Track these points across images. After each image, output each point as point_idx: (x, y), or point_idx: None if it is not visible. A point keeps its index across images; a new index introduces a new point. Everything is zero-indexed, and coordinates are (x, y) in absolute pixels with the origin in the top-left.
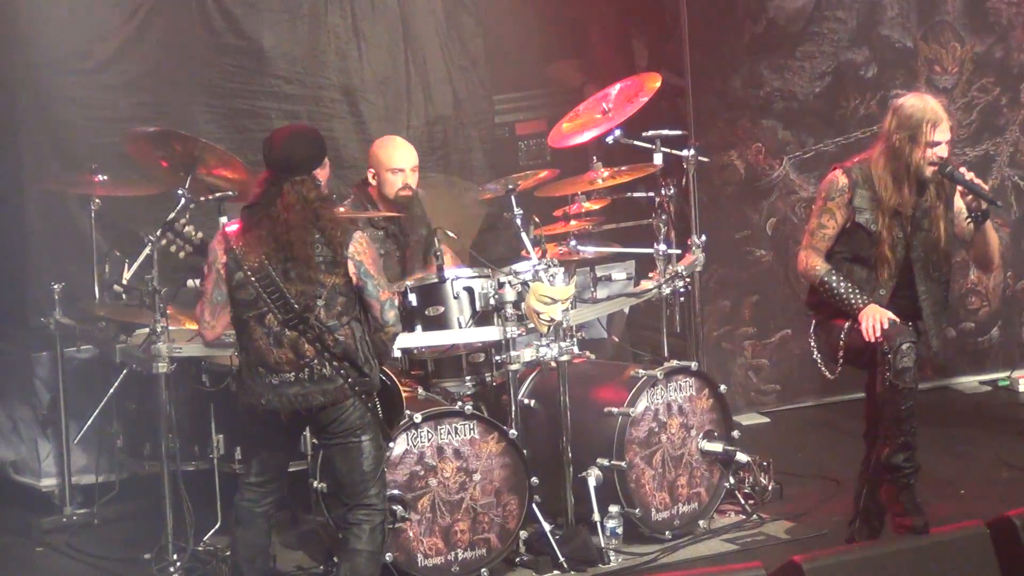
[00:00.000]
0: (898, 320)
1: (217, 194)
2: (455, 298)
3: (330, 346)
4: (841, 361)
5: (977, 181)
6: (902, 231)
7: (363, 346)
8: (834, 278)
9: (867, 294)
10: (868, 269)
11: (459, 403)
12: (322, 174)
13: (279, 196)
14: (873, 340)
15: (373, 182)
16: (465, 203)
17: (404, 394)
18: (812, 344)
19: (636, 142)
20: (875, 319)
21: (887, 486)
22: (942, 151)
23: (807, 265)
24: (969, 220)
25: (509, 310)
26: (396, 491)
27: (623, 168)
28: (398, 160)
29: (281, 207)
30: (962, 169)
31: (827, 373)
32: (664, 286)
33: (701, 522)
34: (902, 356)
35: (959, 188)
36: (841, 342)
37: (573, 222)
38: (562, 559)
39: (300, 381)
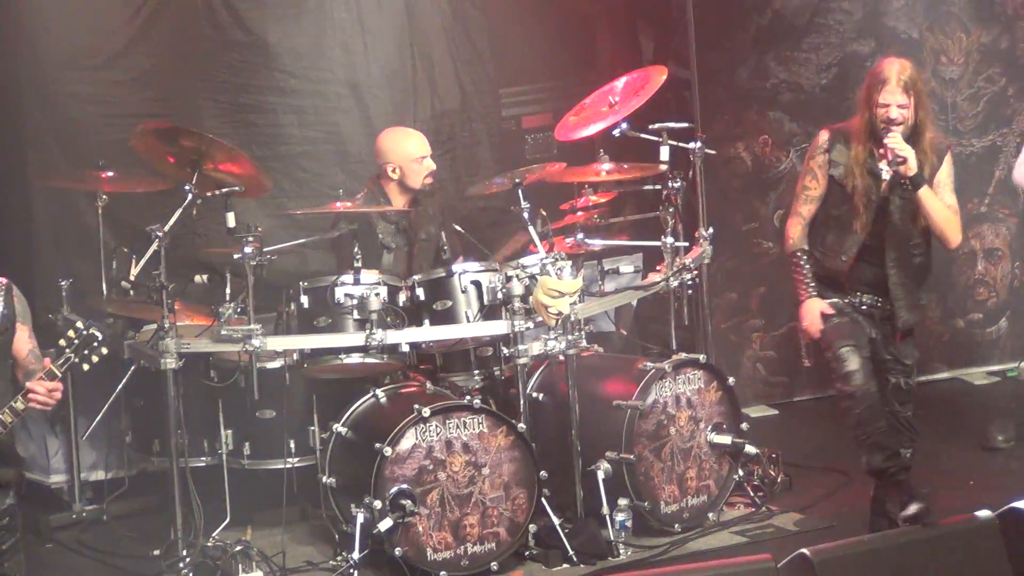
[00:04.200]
0: (835, 316)
1: (224, 189)
2: (463, 292)
3: None
4: (806, 357)
5: (899, 150)
6: (875, 193)
7: None
8: (802, 258)
9: (834, 257)
10: (838, 230)
11: (467, 397)
12: None
13: None
14: (807, 342)
15: (394, 176)
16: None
17: (412, 388)
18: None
19: (643, 135)
20: (808, 320)
21: (880, 488)
22: (892, 113)
23: (787, 233)
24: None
25: (517, 304)
26: (405, 486)
27: (629, 164)
28: (422, 148)
29: None
30: (894, 132)
31: (805, 361)
32: (672, 279)
33: (710, 515)
34: (843, 360)
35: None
36: (803, 339)
37: (580, 215)
38: (571, 552)
39: None
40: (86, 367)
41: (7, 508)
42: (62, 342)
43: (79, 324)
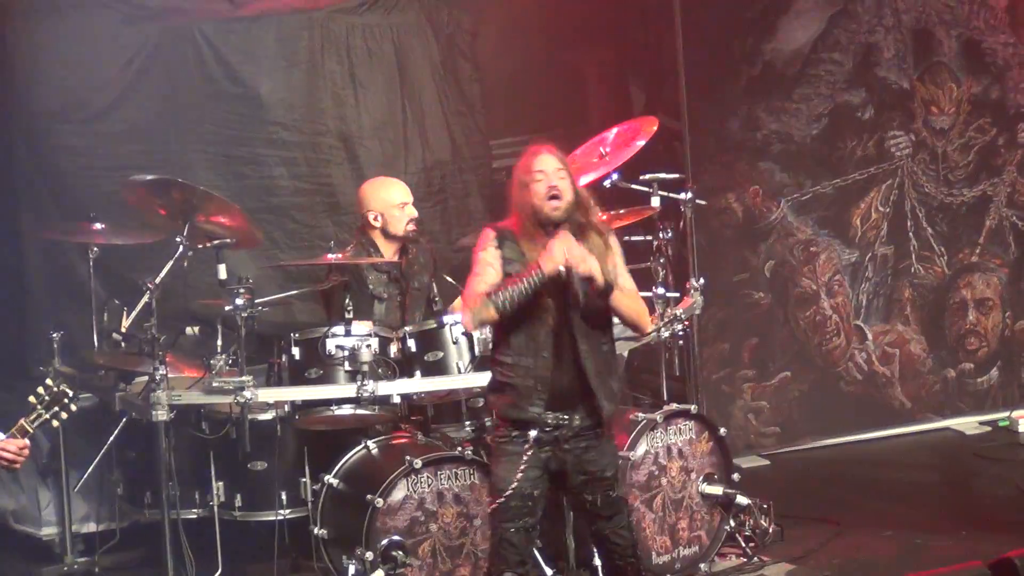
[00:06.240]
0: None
1: (215, 241)
2: (454, 343)
3: None
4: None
5: (582, 271)
6: (555, 284)
7: None
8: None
9: (533, 355)
10: (529, 327)
11: (459, 448)
12: None
13: None
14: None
15: (376, 224)
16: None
17: (404, 440)
18: None
19: (634, 185)
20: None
21: None
22: (553, 180)
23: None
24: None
25: None
26: (397, 537)
27: (621, 212)
28: (402, 195)
29: None
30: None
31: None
32: (663, 329)
33: (702, 565)
34: None
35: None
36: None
37: None
38: None
39: None
40: (56, 424)
41: None
42: (32, 399)
43: (48, 381)
